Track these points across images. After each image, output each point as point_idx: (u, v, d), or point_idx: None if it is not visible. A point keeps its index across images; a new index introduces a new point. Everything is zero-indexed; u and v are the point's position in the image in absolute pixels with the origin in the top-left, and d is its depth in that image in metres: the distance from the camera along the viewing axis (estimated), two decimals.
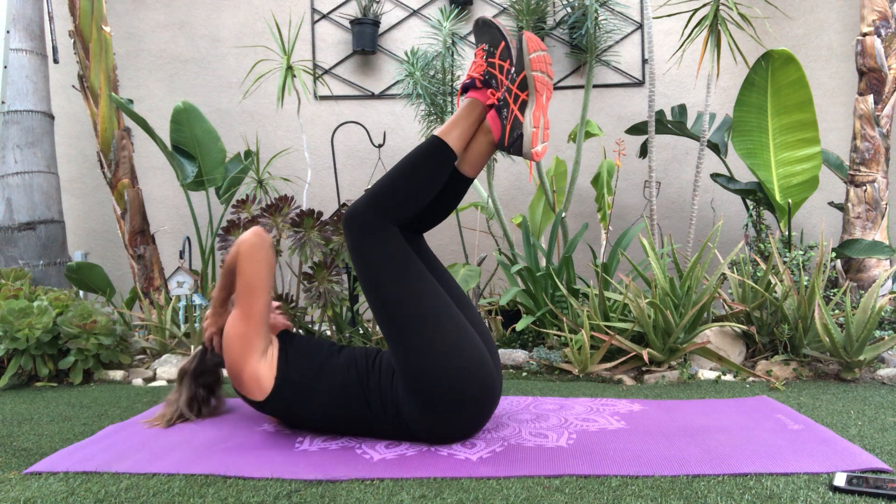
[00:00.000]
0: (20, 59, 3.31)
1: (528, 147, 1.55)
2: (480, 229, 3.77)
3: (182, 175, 3.35)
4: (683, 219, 3.92)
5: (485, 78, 1.61)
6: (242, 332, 1.57)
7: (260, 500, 1.22)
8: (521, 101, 1.56)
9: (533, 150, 1.55)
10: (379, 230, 1.51)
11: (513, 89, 1.56)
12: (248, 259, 1.60)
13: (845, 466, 1.30)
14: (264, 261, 1.61)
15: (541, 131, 1.56)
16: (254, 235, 1.62)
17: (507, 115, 1.57)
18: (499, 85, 1.59)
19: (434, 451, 1.47)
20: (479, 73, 1.62)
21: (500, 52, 1.59)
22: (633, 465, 1.35)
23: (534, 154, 1.55)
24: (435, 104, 3.08)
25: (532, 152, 1.55)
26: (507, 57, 1.59)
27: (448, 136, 1.58)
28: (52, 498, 1.24)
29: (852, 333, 2.17)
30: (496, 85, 1.59)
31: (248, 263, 1.59)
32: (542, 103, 1.57)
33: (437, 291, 1.53)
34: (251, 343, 1.57)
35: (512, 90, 1.56)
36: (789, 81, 3.03)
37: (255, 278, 1.59)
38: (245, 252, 1.60)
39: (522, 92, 1.56)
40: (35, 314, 2.39)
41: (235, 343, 1.57)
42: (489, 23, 1.63)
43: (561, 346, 2.55)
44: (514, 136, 1.56)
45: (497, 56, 1.60)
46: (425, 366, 1.45)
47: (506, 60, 1.58)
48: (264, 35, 4.00)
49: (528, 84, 1.56)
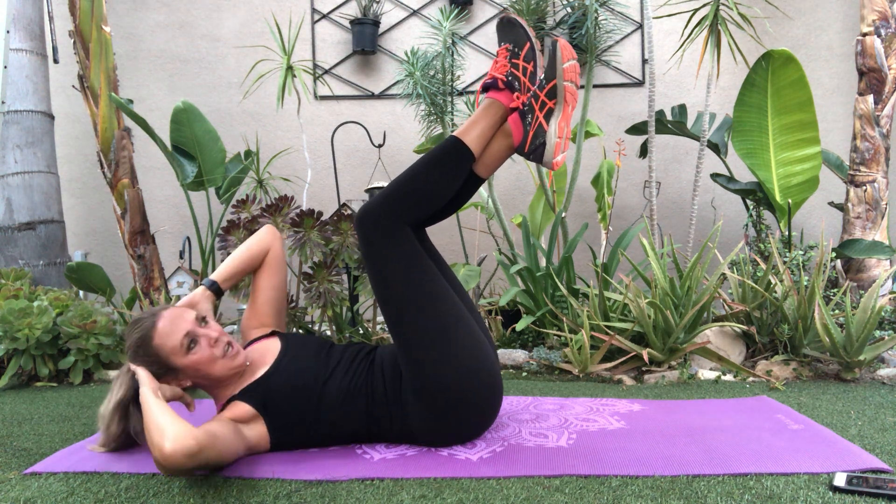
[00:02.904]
0: (20, 59, 3.31)
1: (549, 157, 1.52)
2: (480, 229, 3.77)
3: (182, 175, 3.35)
4: (683, 219, 3.92)
5: (508, 79, 1.57)
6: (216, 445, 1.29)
7: (260, 500, 1.21)
8: (548, 109, 1.52)
9: (554, 160, 1.52)
10: (392, 231, 1.47)
11: (540, 96, 1.52)
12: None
13: (845, 466, 1.30)
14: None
15: (563, 141, 1.53)
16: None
17: (532, 122, 1.53)
18: (521, 87, 1.55)
19: (434, 451, 1.47)
20: (503, 73, 1.57)
21: (524, 53, 1.55)
22: (633, 465, 1.35)
23: (554, 164, 1.52)
24: (435, 104, 3.08)
25: (553, 162, 1.52)
26: (531, 59, 1.55)
27: (466, 137, 1.53)
28: (52, 498, 1.24)
29: (852, 333, 2.17)
30: (519, 87, 1.56)
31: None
32: (568, 113, 1.53)
33: (447, 293, 1.50)
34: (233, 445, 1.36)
35: (539, 97, 1.52)
36: (789, 81, 3.03)
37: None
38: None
39: (550, 100, 1.52)
40: (35, 314, 2.39)
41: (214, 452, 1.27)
42: (514, 21, 1.58)
43: (561, 346, 2.55)
44: (537, 143, 1.52)
45: (521, 57, 1.55)
46: (434, 365, 1.43)
47: (530, 62, 1.55)
48: (264, 35, 4.00)
49: (557, 93, 1.51)
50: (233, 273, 1.69)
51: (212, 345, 1.45)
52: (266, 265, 1.74)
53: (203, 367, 1.44)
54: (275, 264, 1.75)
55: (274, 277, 1.74)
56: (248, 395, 1.48)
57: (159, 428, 1.21)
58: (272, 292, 1.74)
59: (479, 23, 3.98)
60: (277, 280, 1.75)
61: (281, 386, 1.49)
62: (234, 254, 1.71)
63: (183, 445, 1.17)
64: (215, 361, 1.45)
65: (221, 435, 1.29)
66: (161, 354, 1.42)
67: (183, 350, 1.42)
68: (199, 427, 1.25)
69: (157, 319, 1.44)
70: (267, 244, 1.75)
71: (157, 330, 1.42)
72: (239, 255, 1.70)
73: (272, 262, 1.75)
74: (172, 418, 1.24)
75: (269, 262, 1.75)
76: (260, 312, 1.72)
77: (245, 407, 1.46)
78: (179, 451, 1.17)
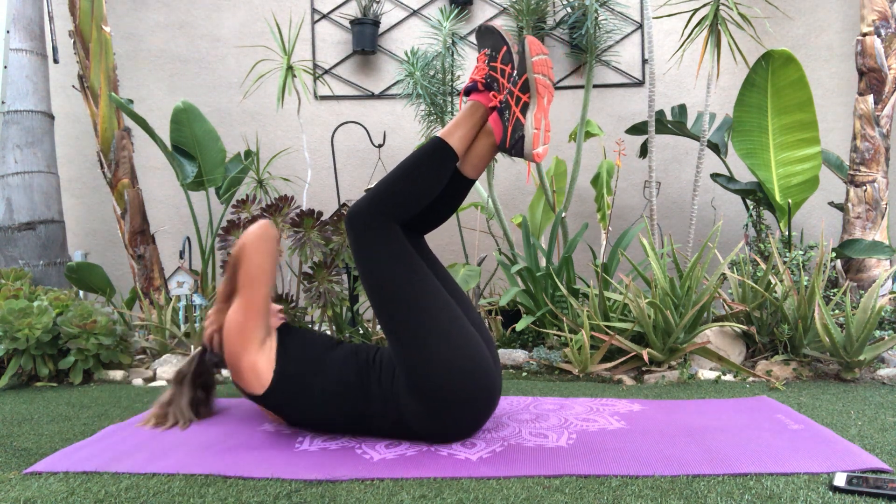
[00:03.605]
0: (20, 59, 3.31)
1: (529, 148, 1.56)
2: (480, 229, 3.77)
3: (182, 175, 3.35)
4: (683, 219, 3.92)
5: (487, 81, 1.63)
6: (241, 322, 1.58)
7: (260, 500, 1.22)
8: (523, 103, 1.57)
9: (534, 152, 1.56)
10: (380, 229, 1.52)
11: (514, 91, 1.58)
12: (253, 249, 1.60)
13: (845, 466, 1.30)
14: (268, 252, 1.61)
15: (542, 133, 1.57)
16: (260, 227, 1.62)
17: (509, 117, 1.58)
18: (500, 88, 1.61)
19: (434, 451, 1.47)
20: (482, 76, 1.64)
21: (501, 56, 1.61)
22: (633, 465, 1.35)
23: (535, 155, 1.56)
24: (435, 104, 3.08)
25: (533, 154, 1.56)
26: (508, 61, 1.60)
27: (450, 138, 1.59)
28: (52, 498, 1.24)
29: (852, 333, 2.17)
30: (498, 88, 1.61)
31: (252, 253, 1.60)
32: (544, 105, 1.58)
33: (438, 291, 1.53)
34: (250, 334, 1.57)
35: (514, 92, 1.58)
36: (789, 81, 3.03)
37: (257, 269, 1.60)
38: (251, 243, 1.60)
39: (524, 94, 1.57)
40: (35, 314, 2.39)
41: (234, 333, 1.58)
42: (491, 28, 1.66)
43: (561, 346, 2.55)
44: (516, 137, 1.57)
45: (499, 60, 1.61)
46: (427, 365, 1.45)
47: (507, 64, 1.60)
48: (264, 35, 4.00)
49: (529, 86, 1.57)
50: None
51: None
52: None
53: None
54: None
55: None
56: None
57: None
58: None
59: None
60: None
61: (295, 334, 1.68)
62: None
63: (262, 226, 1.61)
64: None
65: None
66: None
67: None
68: None
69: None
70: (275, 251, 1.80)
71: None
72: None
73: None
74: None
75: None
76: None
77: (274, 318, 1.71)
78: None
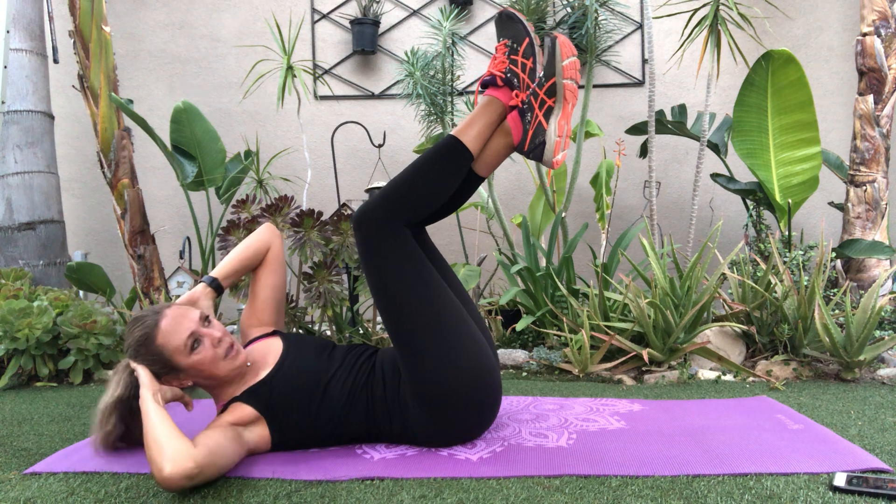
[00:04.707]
0: (20, 59, 3.31)
1: (549, 156, 1.50)
2: (480, 229, 3.77)
3: (182, 175, 3.35)
4: (683, 219, 3.92)
5: (506, 76, 1.54)
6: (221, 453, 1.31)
7: (260, 500, 1.21)
8: (548, 107, 1.49)
9: (554, 159, 1.50)
10: (390, 231, 1.45)
11: (539, 94, 1.49)
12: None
13: (845, 466, 1.30)
14: None
15: (563, 140, 1.51)
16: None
17: (531, 120, 1.50)
18: (521, 84, 1.52)
19: (434, 451, 1.47)
20: (501, 70, 1.54)
21: (523, 49, 1.52)
22: (633, 465, 1.35)
23: (554, 163, 1.50)
24: (435, 104, 3.08)
25: (553, 161, 1.50)
26: (530, 55, 1.51)
27: (464, 136, 1.51)
28: (52, 498, 1.24)
29: (852, 333, 2.17)
30: (518, 84, 1.53)
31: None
32: (568, 111, 1.51)
33: (446, 294, 1.49)
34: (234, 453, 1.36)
35: (539, 94, 1.49)
36: (789, 81, 3.03)
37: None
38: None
39: (550, 98, 1.49)
40: (35, 314, 2.39)
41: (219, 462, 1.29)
42: (513, 16, 1.55)
43: (561, 346, 2.55)
44: (536, 142, 1.50)
45: (520, 53, 1.52)
46: (435, 369, 1.43)
47: (529, 58, 1.51)
48: (264, 35, 3.99)
49: (556, 91, 1.49)
50: (233, 270, 1.67)
51: (215, 345, 1.44)
52: (266, 263, 1.73)
53: (206, 367, 1.43)
54: (275, 262, 1.73)
55: (274, 276, 1.73)
56: (250, 397, 1.47)
57: (159, 445, 1.21)
58: (272, 291, 1.72)
59: (479, 23, 3.98)
60: (277, 278, 1.74)
61: (284, 388, 1.48)
62: (234, 251, 1.69)
63: (182, 468, 1.17)
64: (218, 361, 1.44)
65: (221, 449, 1.28)
66: (164, 354, 1.41)
67: (186, 350, 1.41)
68: (198, 444, 1.24)
69: (161, 318, 1.42)
70: (267, 242, 1.73)
71: (160, 329, 1.41)
72: (239, 253, 1.69)
73: (272, 259, 1.73)
74: (172, 434, 1.23)
75: (270, 260, 1.73)
76: (259, 311, 1.71)
77: (247, 409, 1.45)
78: (178, 474, 1.17)
